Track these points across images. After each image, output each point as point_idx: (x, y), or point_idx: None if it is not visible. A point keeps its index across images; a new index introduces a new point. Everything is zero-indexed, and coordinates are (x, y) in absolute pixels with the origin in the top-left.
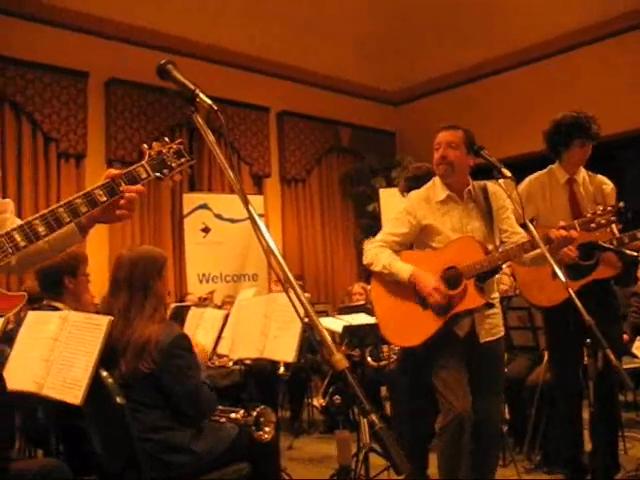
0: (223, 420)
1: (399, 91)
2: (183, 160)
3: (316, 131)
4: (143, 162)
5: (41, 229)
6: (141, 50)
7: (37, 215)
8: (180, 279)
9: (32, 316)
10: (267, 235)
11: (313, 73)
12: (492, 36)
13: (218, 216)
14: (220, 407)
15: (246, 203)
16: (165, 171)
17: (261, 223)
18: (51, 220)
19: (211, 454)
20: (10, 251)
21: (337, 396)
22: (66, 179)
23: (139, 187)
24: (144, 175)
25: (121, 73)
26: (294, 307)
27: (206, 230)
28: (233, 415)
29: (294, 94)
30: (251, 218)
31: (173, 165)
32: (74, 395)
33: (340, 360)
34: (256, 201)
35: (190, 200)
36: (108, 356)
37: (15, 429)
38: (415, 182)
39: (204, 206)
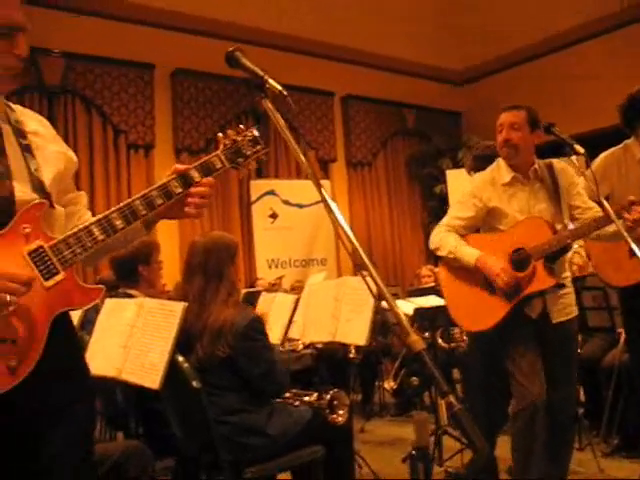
0: (297, 403)
1: (464, 70)
2: (258, 147)
3: (381, 114)
4: (218, 152)
5: (118, 222)
6: (205, 40)
7: (114, 209)
8: (249, 265)
9: (109, 304)
10: (340, 217)
11: (377, 55)
12: (560, 9)
13: (286, 202)
14: (294, 390)
15: (319, 186)
16: (240, 160)
17: (334, 205)
18: (128, 213)
19: (285, 437)
20: (89, 245)
21: (414, 377)
22: (136, 169)
23: (210, 180)
24: (219, 165)
25: (186, 63)
26: (369, 289)
27: (274, 216)
28: (307, 398)
29: (358, 77)
30: (324, 201)
31: (248, 153)
32: (152, 380)
33: (417, 341)
34: (322, 186)
35: (257, 187)
36: (184, 341)
37: (96, 413)
38: (483, 162)
39: (271, 192)
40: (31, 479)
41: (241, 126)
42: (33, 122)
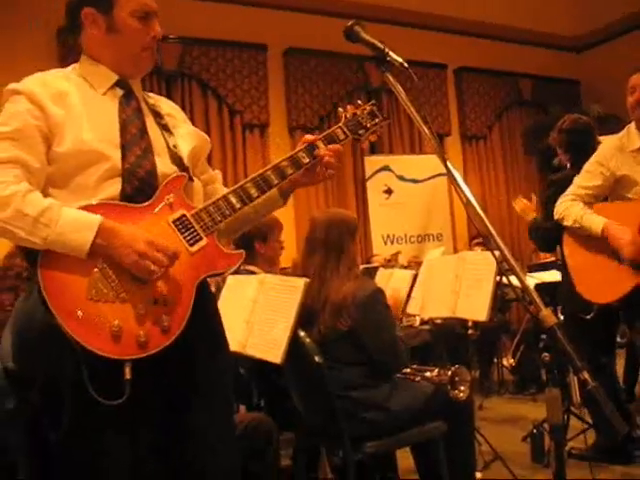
0: (418, 379)
1: (581, 36)
2: (377, 120)
3: (495, 85)
4: (340, 124)
5: (253, 191)
6: (315, 18)
7: (248, 179)
8: (365, 241)
9: (232, 280)
10: (466, 189)
11: (489, 25)
12: None
13: (400, 177)
14: (414, 366)
15: (444, 160)
16: (361, 132)
17: (459, 177)
18: (261, 182)
19: (407, 412)
20: (227, 213)
21: (546, 354)
22: (251, 149)
23: (337, 146)
24: (342, 137)
25: (298, 42)
26: (498, 262)
27: (389, 192)
28: (428, 374)
29: (471, 49)
30: (449, 173)
31: (368, 125)
32: (275, 355)
33: (549, 316)
34: (437, 161)
35: (372, 163)
36: (305, 316)
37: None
38: (573, 136)
39: (386, 168)
40: (178, 436)
41: (359, 101)
42: (165, 106)
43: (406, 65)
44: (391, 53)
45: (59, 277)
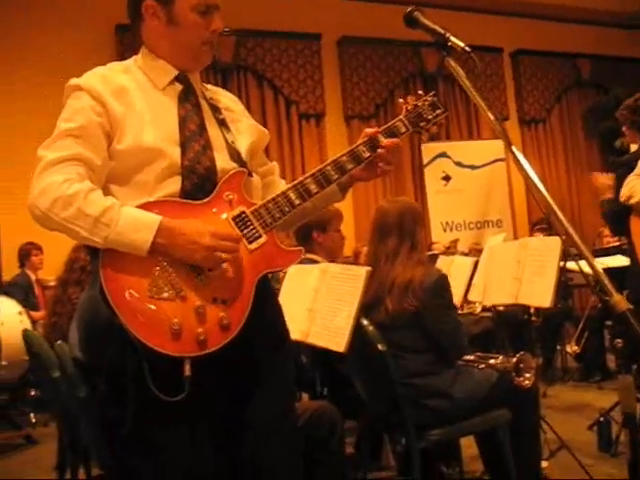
0: (482, 366)
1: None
2: (438, 112)
3: (553, 67)
4: (401, 117)
5: (312, 187)
6: (369, 5)
7: (308, 174)
8: (424, 229)
9: (293, 269)
10: (532, 174)
11: (544, 5)
12: None
13: (458, 163)
14: (478, 353)
15: (509, 144)
16: (422, 124)
17: (524, 161)
18: (321, 178)
19: (471, 400)
20: (287, 209)
21: (618, 340)
22: (308, 138)
23: (396, 140)
24: (403, 129)
25: (351, 30)
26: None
27: (447, 178)
28: (492, 361)
29: (526, 30)
30: (514, 158)
31: (429, 117)
32: (338, 343)
33: (620, 301)
34: (495, 145)
35: (429, 150)
36: (371, 301)
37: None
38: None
39: (443, 154)
40: (238, 430)
41: (420, 92)
42: (224, 98)
43: (468, 49)
44: (452, 38)
45: (120, 276)
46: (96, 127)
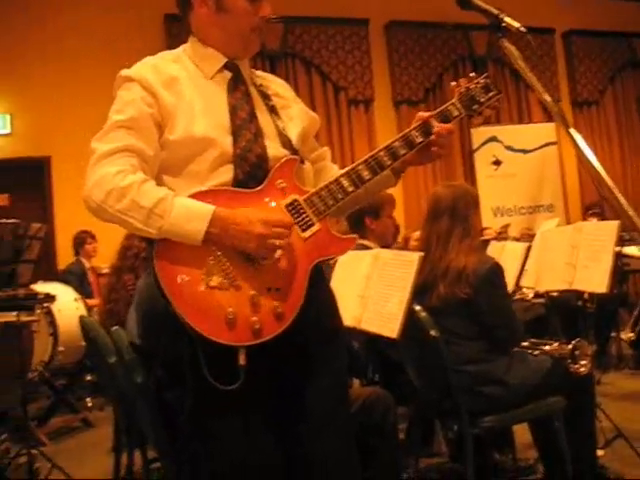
0: (536, 353)
1: None
2: (491, 94)
3: (607, 47)
4: (454, 100)
5: (365, 173)
6: None
7: (360, 161)
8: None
9: (345, 256)
10: (592, 156)
11: None
12: None
13: (509, 148)
14: (532, 340)
15: (566, 126)
16: (475, 107)
17: (583, 143)
18: (374, 164)
19: (525, 386)
20: (340, 197)
21: None
22: (356, 125)
23: (449, 126)
24: (455, 113)
25: (399, 15)
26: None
27: (497, 163)
28: (547, 347)
29: (579, 10)
30: (573, 141)
31: (482, 100)
32: (390, 329)
33: None
34: (547, 129)
35: (479, 134)
36: (423, 285)
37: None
38: None
39: (494, 139)
40: (293, 422)
41: (472, 74)
42: (274, 85)
43: (524, 30)
44: (507, 18)
45: (174, 266)
46: (147, 118)
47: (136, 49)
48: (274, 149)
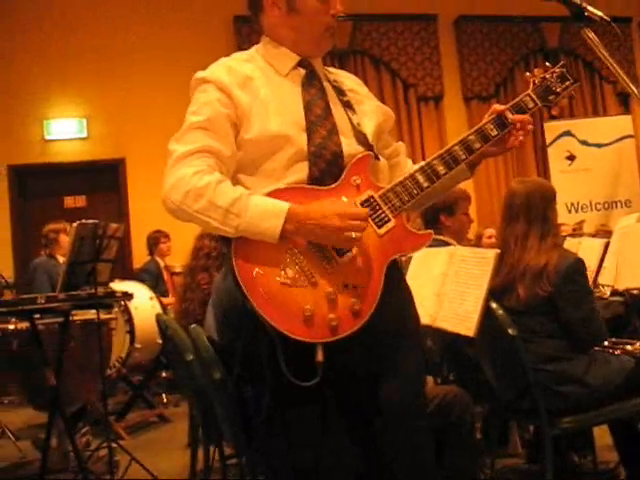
0: (618, 352)
1: None
2: (567, 83)
3: None
4: (529, 91)
5: (440, 168)
6: None
7: (435, 155)
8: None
9: (420, 253)
10: None
11: None
12: None
13: (583, 142)
14: (613, 339)
15: None
16: (551, 97)
17: None
18: (449, 159)
19: (606, 387)
20: (415, 192)
21: None
22: (427, 121)
23: (525, 117)
24: (531, 105)
25: (467, 9)
26: None
27: (571, 158)
28: (629, 347)
29: None
30: None
31: (558, 90)
32: (467, 327)
33: None
34: (623, 122)
35: (552, 129)
36: (501, 286)
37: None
38: None
39: (567, 133)
40: (369, 418)
41: (547, 63)
42: (348, 81)
43: (607, 18)
44: (590, 7)
45: (252, 265)
46: (223, 119)
47: (207, 51)
48: (349, 145)
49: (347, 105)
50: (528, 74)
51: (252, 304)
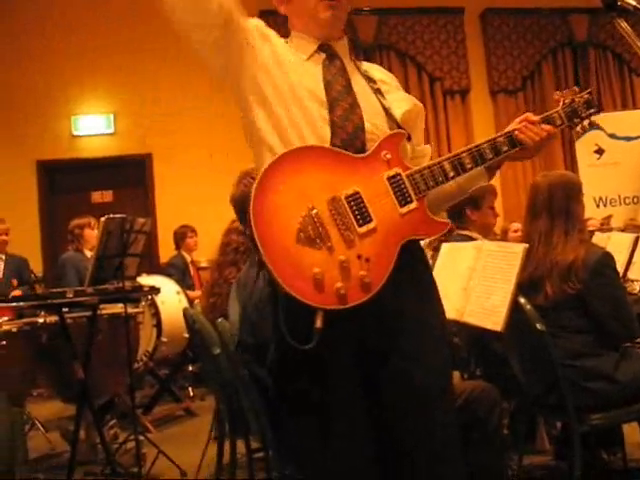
0: None
1: None
2: (592, 111)
3: None
4: (559, 109)
5: (467, 161)
6: None
7: (464, 149)
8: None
9: (446, 247)
10: None
11: None
12: None
13: (612, 135)
14: None
15: None
16: (576, 120)
17: None
18: (476, 154)
19: (636, 383)
20: (440, 179)
21: None
22: (453, 115)
23: (551, 128)
24: (558, 122)
25: (495, 2)
26: None
27: (600, 152)
28: None
29: None
30: None
31: (583, 115)
32: (494, 322)
33: None
34: None
35: None
36: (528, 282)
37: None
38: None
39: (596, 126)
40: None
41: (575, 87)
42: (379, 73)
43: None
44: None
45: (271, 218)
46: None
47: None
48: (376, 125)
49: (377, 92)
50: (558, 93)
51: (264, 257)
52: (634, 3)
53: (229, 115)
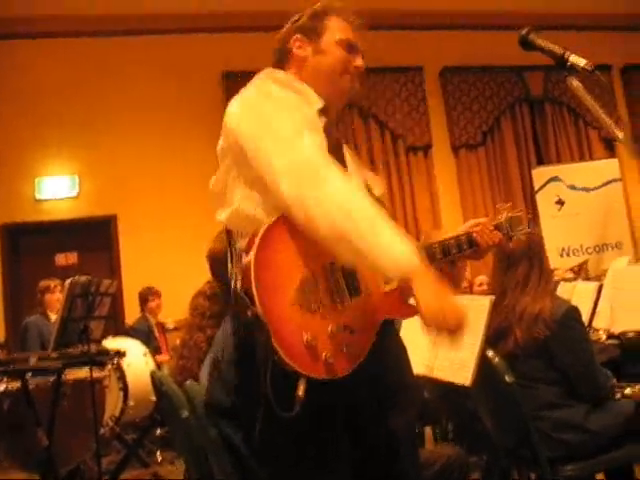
0: (618, 396)
1: None
2: (520, 227)
3: None
4: (502, 220)
5: (438, 252)
6: (469, 34)
7: (438, 240)
8: None
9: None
10: None
11: None
12: None
13: (571, 187)
14: (612, 382)
15: None
16: (512, 234)
17: None
18: (445, 248)
19: (607, 432)
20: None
21: None
22: (416, 170)
23: (502, 236)
24: (505, 231)
25: (452, 60)
26: None
27: (560, 203)
28: (628, 391)
29: (633, 45)
30: None
31: (513, 231)
32: (463, 377)
33: None
34: (609, 166)
35: (540, 174)
36: (497, 330)
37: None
38: None
39: (555, 179)
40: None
41: (509, 204)
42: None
43: (590, 68)
44: (572, 57)
45: (270, 269)
46: None
47: (196, 107)
48: None
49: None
50: (499, 205)
51: (260, 305)
52: (583, 62)
53: (191, 176)
